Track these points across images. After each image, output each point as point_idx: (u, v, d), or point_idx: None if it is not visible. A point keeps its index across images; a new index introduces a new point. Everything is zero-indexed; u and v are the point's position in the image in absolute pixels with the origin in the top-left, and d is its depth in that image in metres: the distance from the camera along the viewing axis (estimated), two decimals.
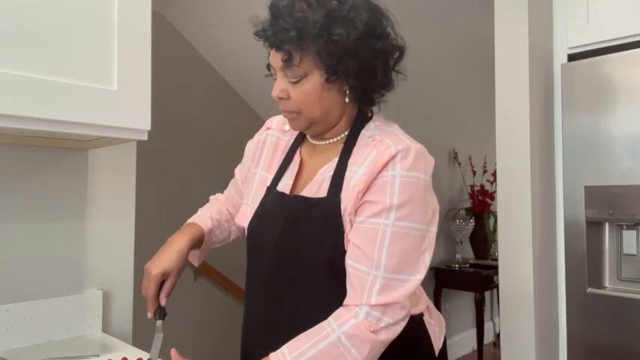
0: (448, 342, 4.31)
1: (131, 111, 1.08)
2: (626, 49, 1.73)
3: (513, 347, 1.91)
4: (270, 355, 0.88)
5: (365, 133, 1.01)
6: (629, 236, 1.73)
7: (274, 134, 1.15)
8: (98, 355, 1.15)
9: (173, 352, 0.94)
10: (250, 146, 1.20)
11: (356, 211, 0.94)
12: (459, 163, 4.01)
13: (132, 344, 1.35)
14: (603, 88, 1.74)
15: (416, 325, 1.03)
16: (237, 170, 1.25)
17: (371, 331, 0.87)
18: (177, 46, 2.90)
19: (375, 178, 0.93)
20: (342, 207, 0.94)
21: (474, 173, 4.00)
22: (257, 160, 1.15)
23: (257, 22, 0.98)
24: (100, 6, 1.04)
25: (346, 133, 1.03)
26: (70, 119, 0.99)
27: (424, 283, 0.92)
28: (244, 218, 1.10)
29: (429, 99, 3.65)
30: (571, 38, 1.91)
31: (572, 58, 1.92)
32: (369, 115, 1.06)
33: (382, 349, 0.90)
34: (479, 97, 3.88)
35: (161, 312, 1.07)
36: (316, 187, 0.99)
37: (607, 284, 1.78)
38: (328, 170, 0.99)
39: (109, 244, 1.41)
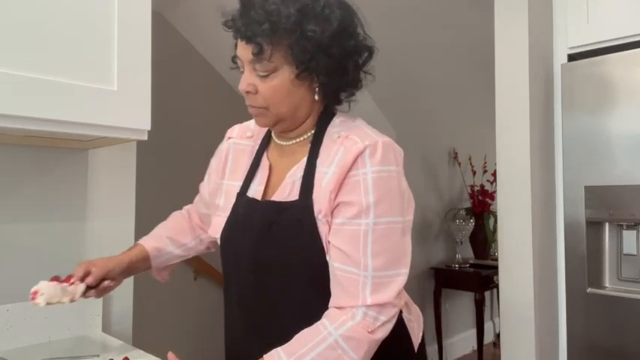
0: (448, 342, 4.30)
1: (131, 111, 1.09)
2: (626, 49, 1.72)
3: (513, 347, 1.91)
4: (265, 356, 0.87)
5: (331, 130, 0.99)
6: (629, 236, 1.73)
7: (237, 142, 1.13)
8: (98, 355, 1.15)
9: (170, 355, 0.93)
10: (213, 162, 1.18)
11: (332, 213, 0.92)
12: (459, 163, 4.01)
13: (132, 344, 1.35)
14: (603, 88, 1.74)
15: (396, 324, 1.01)
16: (201, 186, 1.23)
17: (369, 332, 0.87)
18: (177, 46, 2.90)
19: (345, 177, 0.91)
20: (316, 209, 0.92)
21: (474, 173, 4.00)
22: (222, 171, 1.12)
23: (226, 12, 0.95)
24: (100, 6, 1.04)
25: (313, 131, 1.00)
26: (70, 119, 0.99)
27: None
28: (217, 229, 1.08)
29: (429, 99, 3.65)
30: (571, 38, 1.91)
31: (572, 58, 1.92)
32: (333, 112, 1.04)
33: (377, 346, 0.90)
34: (479, 97, 3.88)
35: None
36: (287, 191, 0.97)
37: (607, 284, 1.78)
38: (298, 171, 0.97)
39: (109, 244, 1.41)
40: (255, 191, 1.03)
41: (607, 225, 1.78)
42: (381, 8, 3.02)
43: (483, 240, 3.90)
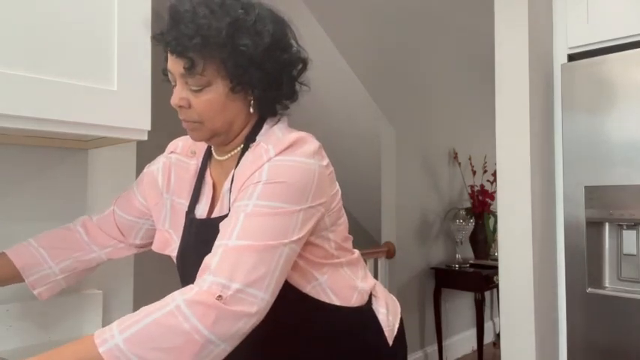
0: (448, 342, 4.29)
1: (131, 111, 1.08)
2: (626, 49, 1.73)
3: (513, 347, 1.91)
4: (96, 332, 0.76)
5: (255, 139, 0.97)
6: (629, 236, 1.73)
7: (180, 159, 1.09)
8: None
9: None
10: (149, 172, 1.13)
11: None
12: (459, 163, 4.01)
13: None
14: (603, 88, 1.74)
15: (360, 313, 1.00)
16: (130, 194, 1.16)
17: (217, 298, 0.76)
18: None
19: (247, 180, 0.89)
20: None
21: (474, 173, 4.00)
22: (166, 184, 1.08)
23: (155, 25, 0.92)
24: (99, 6, 1.04)
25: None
26: (70, 119, 0.99)
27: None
28: (164, 245, 1.05)
29: (429, 99, 3.65)
30: (571, 38, 1.91)
31: (572, 58, 1.92)
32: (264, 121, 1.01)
33: (240, 324, 0.78)
34: (479, 97, 3.88)
35: None
36: (220, 206, 0.96)
37: (607, 284, 1.78)
38: (226, 185, 0.96)
39: None
40: (202, 211, 1.01)
41: (607, 225, 1.79)
42: (382, 10, 3.02)
43: (483, 240, 3.91)
